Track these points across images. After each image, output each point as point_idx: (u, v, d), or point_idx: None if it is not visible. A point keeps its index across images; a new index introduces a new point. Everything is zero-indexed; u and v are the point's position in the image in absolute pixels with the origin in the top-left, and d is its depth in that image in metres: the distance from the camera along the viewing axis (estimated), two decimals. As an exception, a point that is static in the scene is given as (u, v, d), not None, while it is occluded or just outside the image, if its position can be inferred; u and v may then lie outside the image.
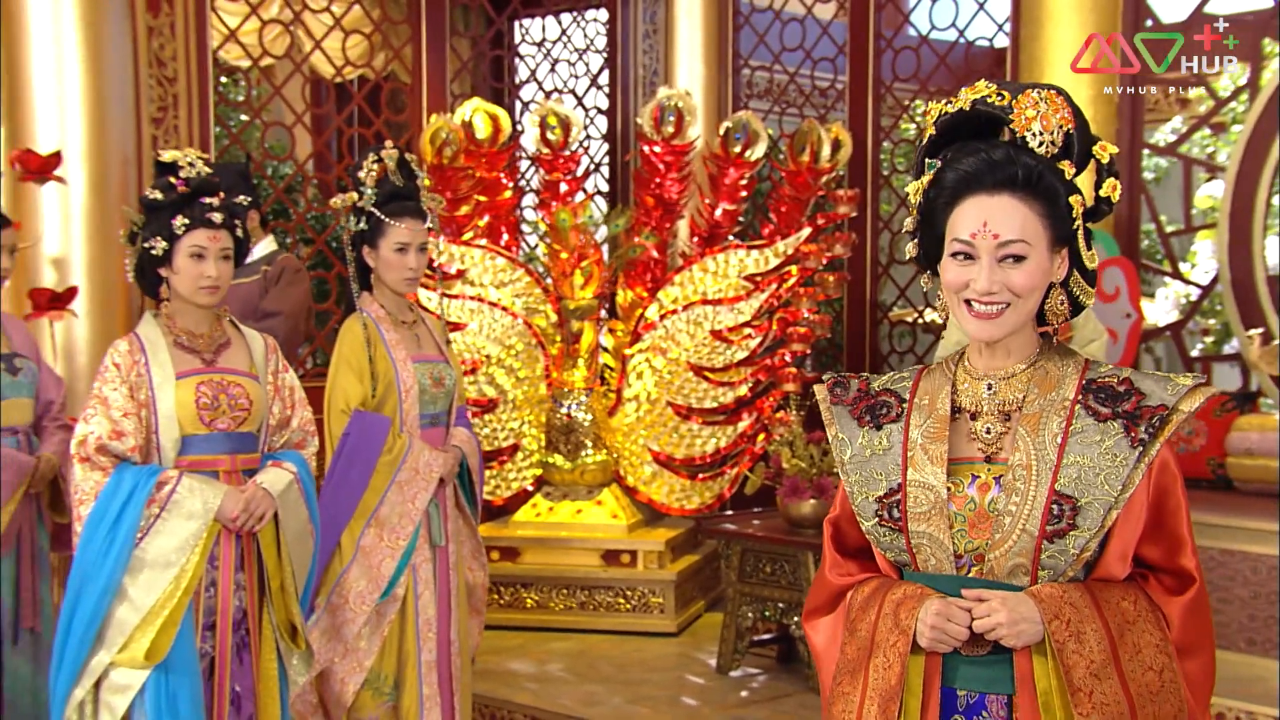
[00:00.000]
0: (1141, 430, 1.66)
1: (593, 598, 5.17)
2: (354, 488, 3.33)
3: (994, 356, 1.77)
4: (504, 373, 5.50)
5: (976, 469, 1.74)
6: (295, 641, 3.02)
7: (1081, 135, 1.69)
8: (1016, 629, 1.64)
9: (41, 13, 4.42)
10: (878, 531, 1.77)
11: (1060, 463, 1.67)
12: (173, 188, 2.89)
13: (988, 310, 1.69)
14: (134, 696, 2.75)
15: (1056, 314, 1.75)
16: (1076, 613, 1.64)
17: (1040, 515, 1.65)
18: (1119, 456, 1.65)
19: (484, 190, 5.58)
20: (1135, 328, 4.99)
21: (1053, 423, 1.70)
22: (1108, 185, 1.72)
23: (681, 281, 5.40)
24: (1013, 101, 1.67)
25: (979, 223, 1.67)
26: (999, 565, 1.68)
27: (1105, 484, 1.65)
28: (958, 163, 1.70)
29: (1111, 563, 1.69)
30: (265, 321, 4.24)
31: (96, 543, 2.75)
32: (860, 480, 1.80)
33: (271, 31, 5.86)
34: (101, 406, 2.82)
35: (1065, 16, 5.13)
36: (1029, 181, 1.67)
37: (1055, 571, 1.67)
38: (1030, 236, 1.67)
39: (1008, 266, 1.67)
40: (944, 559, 1.72)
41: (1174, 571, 1.72)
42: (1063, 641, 1.63)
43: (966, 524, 1.71)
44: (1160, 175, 7.94)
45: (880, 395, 1.85)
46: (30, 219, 4.27)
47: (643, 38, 6.91)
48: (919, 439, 1.77)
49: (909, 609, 1.71)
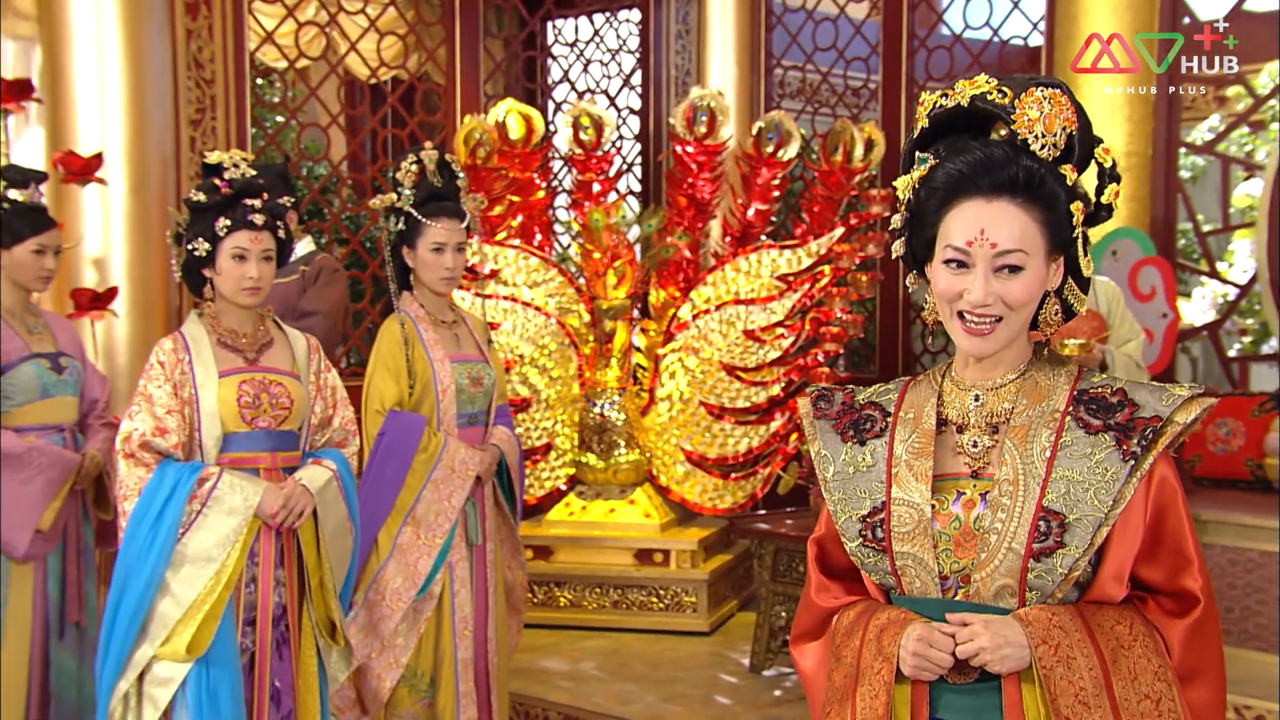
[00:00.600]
0: (1134, 443, 1.57)
1: (625, 597, 5.18)
2: (389, 486, 3.36)
3: (982, 368, 1.68)
4: (537, 372, 5.52)
5: (962, 485, 1.65)
6: (334, 638, 3.06)
7: (1084, 136, 1.60)
8: (1000, 654, 1.54)
9: (84, 18, 4.48)
10: (862, 553, 1.69)
11: (1049, 477, 1.58)
12: (216, 189, 2.92)
13: (979, 326, 1.59)
14: (176, 689, 2.78)
15: (1050, 323, 1.67)
16: (1066, 636, 1.55)
17: (1026, 533, 1.56)
18: (1110, 470, 1.56)
19: (517, 190, 5.61)
20: (1172, 328, 4.96)
21: (1041, 435, 1.61)
22: (1109, 192, 1.63)
23: (714, 281, 5.40)
24: (1015, 100, 1.57)
25: (975, 230, 1.57)
26: (985, 586, 1.59)
27: (1095, 499, 1.56)
28: (952, 161, 1.60)
29: (1106, 584, 1.60)
30: (303, 321, 4.27)
31: (140, 538, 2.79)
32: (843, 499, 1.71)
33: (307, 33, 5.91)
34: (146, 404, 2.86)
35: (1101, 15, 5.10)
36: (1029, 186, 1.57)
37: (1043, 593, 1.57)
38: (1029, 246, 1.57)
39: (1004, 277, 1.58)
40: (929, 581, 1.63)
41: (1176, 593, 1.61)
42: (1050, 667, 1.54)
43: (952, 543, 1.62)
44: (1197, 174, 7.88)
45: (864, 409, 1.76)
46: (72, 220, 4.33)
47: (675, 38, 6.92)
48: (903, 454, 1.68)
49: (892, 635, 1.63)
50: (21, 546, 3.42)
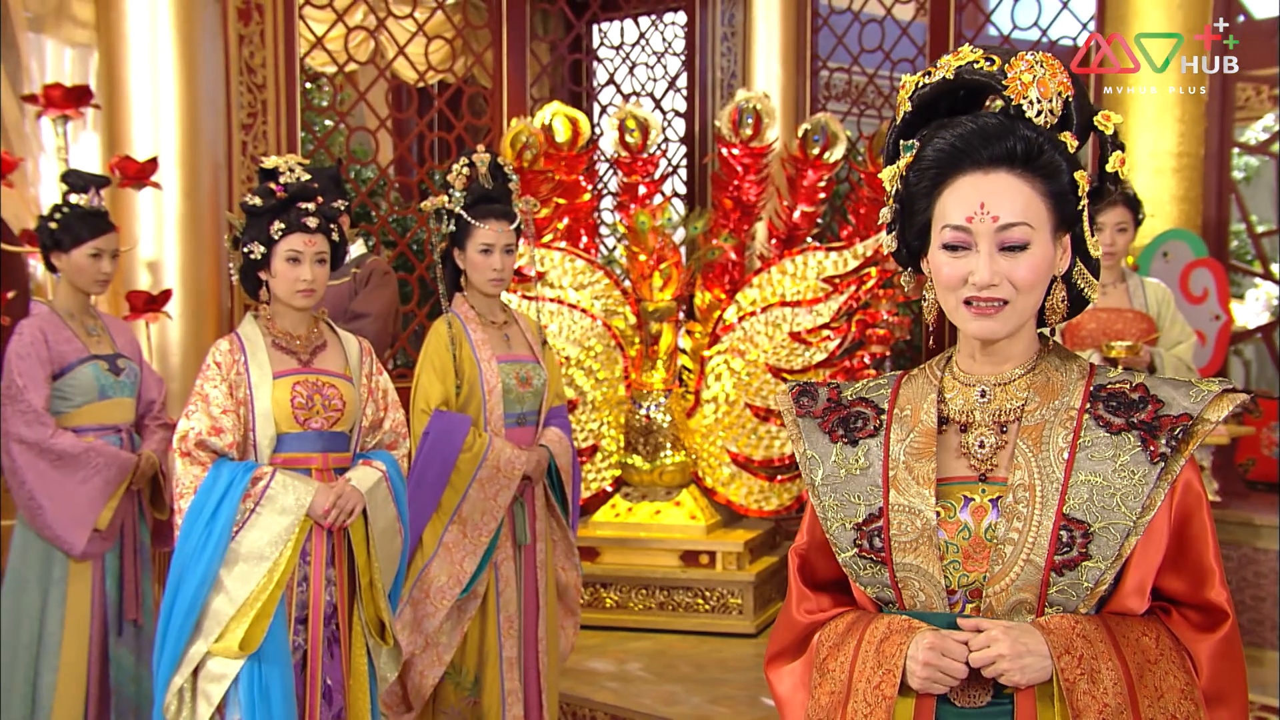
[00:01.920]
0: (1162, 443, 1.43)
1: (671, 598, 5.19)
2: (434, 485, 3.38)
3: (989, 360, 1.54)
4: (583, 374, 5.54)
5: (970, 490, 1.51)
6: (383, 638, 3.09)
7: (1080, 104, 1.48)
8: (1021, 663, 1.41)
9: (139, 25, 4.55)
10: (857, 564, 1.54)
11: (1068, 482, 1.45)
12: (272, 194, 2.97)
13: (987, 306, 1.46)
14: (229, 686, 2.81)
15: (1056, 311, 1.53)
16: (1091, 648, 1.41)
17: (1047, 543, 1.43)
18: (1137, 474, 1.43)
19: (563, 193, 5.64)
20: (1224, 330, 4.90)
21: (1058, 435, 1.47)
22: (1114, 159, 1.50)
23: (760, 283, 5.40)
24: (1005, 66, 1.45)
25: (975, 204, 1.44)
26: (999, 601, 1.46)
27: (1123, 506, 1.42)
28: (941, 136, 1.47)
29: (1127, 596, 1.47)
30: (354, 323, 4.32)
31: (195, 535, 2.83)
32: (835, 504, 1.56)
33: (356, 38, 5.97)
34: (202, 403, 2.90)
35: (1152, 14, 5.06)
36: (1029, 156, 1.44)
37: (1065, 609, 1.45)
38: (1034, 219, 1.45)
39: (1009, 256, 1.45)
40: (935, 595, 1.49)
41: (1201, 606, 1.49)
42: (1073, 681, 1.40)
43: (960, 554, 1.48)
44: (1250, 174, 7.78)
45: (854, 405, 1.61)
46: (127, 223, 4.40)
47: (721, 40, 6.93)
48: (901, 456, 1.54)
49: (896, 644, 1.47)
50: (79, 545, 3.48)
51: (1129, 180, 4.25)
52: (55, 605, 3.52)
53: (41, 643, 3.51)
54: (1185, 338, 4.13)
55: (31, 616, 3.51)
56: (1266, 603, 4.43)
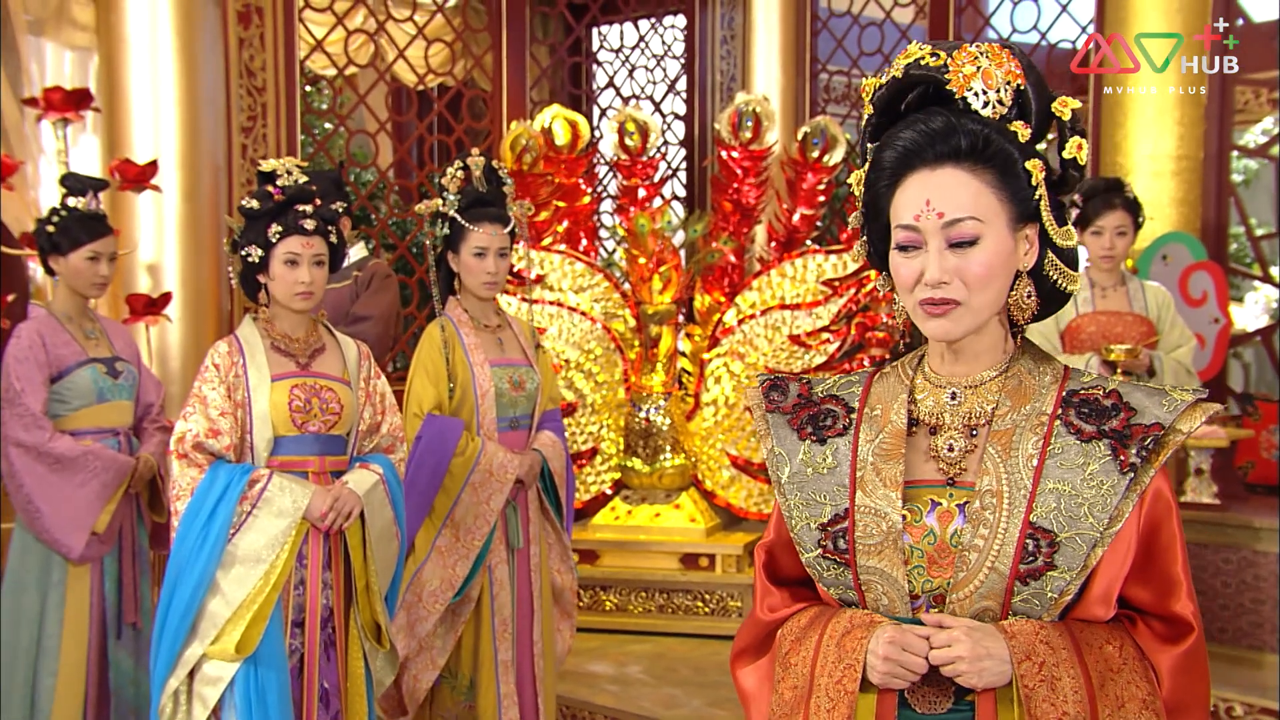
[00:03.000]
0: (1133, 453, 1.40)
1: (671, 601, 5.19)
2: (426, 490, 3.38)
3: (959, 361, 1.51)
4: (583, 377, 5.54)
5: (937, 494, 1.48)
6: (379, 641, 3.08)
7: (1037, 92, 1.44)
8: (979, 665, 1.38)
9: (139, 28, 4.56)
10: (820, 565, 1.51)
11: (1036, 490, 1.42)
12: (269, 196, 2.97)
13: (939, 306, 1.43)
14: (224, 689, 2.81)
15: (1022, 308, 1.48)
16: (1053, 655, 1.39)
17: (1013, 552, 1.40)
18: (1106, 483, 1.40)
19: (563, 196, 5.64)
20: (1224, 333, 4.90)
21: (1027, 441, 1.44)
22: (1071, 145, 1.45)
23: (759, 286, 5.40)
24: (948, 60, 1.42)
25: (921, 202, 1.42)
26: (962, 608, 1.43)
27: (1090, 516, 1.40)
28: (896, 139, 1.45)
29: (1093, 604, 1.44)
30: (356, 326, 4.32)
31: (191, 537, 2.83)
32: (801, 503, 1.53)
33: (356, 41, 5.98)
34: (200, 405, 2.90)
35: (1151, 17, 5.06)
36: (974, 149, 1.41)
37: (1029, 618, 1.43)
38: (983, 212, 1.41)
39: (960, 253, 1.41)
40: (898, 599, 1.46)
41: (1166, 617, 1.46)
42: (1032, 687, 1.38)
43: (925, 559, 1.45)
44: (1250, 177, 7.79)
45: (824, 402, 1.58)
46: (127, 226, 4.40)
47: (720, 43, 6.94)
48: (869, 456, 1.51)
49: (857, 639, 1.46)
50: (77, 548, 3.49)
51: (1129, 183, 4.24)
52: (54, 608, 3.52)
53: (40, 646, 3.51)
54: (1185, 341, 4.13)
55: (30, 620, 3.51)
56: (1266, 605, 4.43)
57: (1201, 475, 4.64)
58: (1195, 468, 4.66)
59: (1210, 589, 4.57)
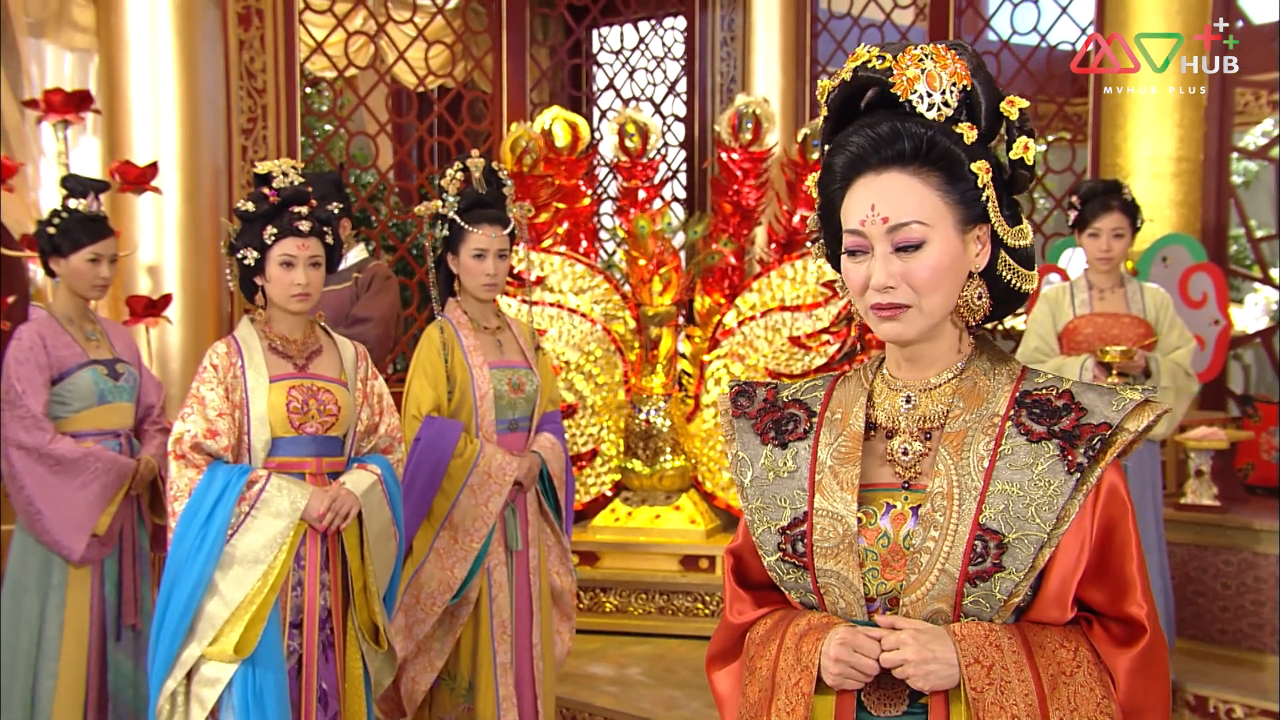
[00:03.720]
0: (1080, 453, 1.40)
1: (671, 602, 5.19)
2: (424, 491, 3.38)
3: (915, 365, 1.51)
4: (583, 378, 5.54)
5: (892, 497, 1.48)
6: (377, 642, 3.08)
7: (986, 91, 1.43)
8: (925, 669, 1.38)
9: (139, 30, 4.56)
10: (781, 568, 1.52)
11: (986, 491, 1.41)
12: (264, 199, 2.97)
13: (888, 311, 1.43)
14: (222, 690, 2.80)
15: (973, 309, 1.46)
16: (1002, 657, 1.39)
17: (962, 553, 1.40)
18: (1053, 484, 1.40)
19: (563, 198, 5.64)
20: (1224, 334, 4.90)
21: (979, 443, 1.44)
22: (1018, 146, 1.44)
23: (760, 288, 5.41)
24: (893, 63, 1.42)
25: (866, 207, 1.42)
26: (915, 611, 1.43)
27: (1037, 517, 1.39)
28: (845, 144, 1.45)
29: (1047, 607, 1.44)
30: (356, 327, 4.32)
31: (190, 538, 2.83)
32: (761, 507, 1.54)
33: (356, 43, 5.98)
34: (198, 406, 2.90)
35: (1151, 18, 5.06)
36: (919, 152, 1.41)
37: (980, 620, 1.42)
38: (928, 216, 1.41)
39: (905, 257, 1.41)
40: (854, 602, 1.46)
41: (1121, 619, 1.45)
42: (980, 690, 1.38)
43: (879, 562, 1.46)
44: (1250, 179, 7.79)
45: (788, 407, 1.58)
46: (127, 228, 4.41)
47: (720, 45, 6.94)
48: (828, 460, 1.51)
49: (812, 642, 1.46)
50: (77, 550, 3.49)
51: (1129, 185, 4.24)
52: (54, 610, 3.52)
53: (40, 648, 3.51)
54: (1184, 343, 4.13)
55: (30, 622, 3.51)
56: (1266, 607, 4.43)
57: (1202, 477, 4.64)
58: (1195, 469, 4.66)
59: (1210, 591, 4.57)
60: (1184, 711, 4.22)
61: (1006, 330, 6.08)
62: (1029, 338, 4.26)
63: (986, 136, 1.44)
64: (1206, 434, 4.60)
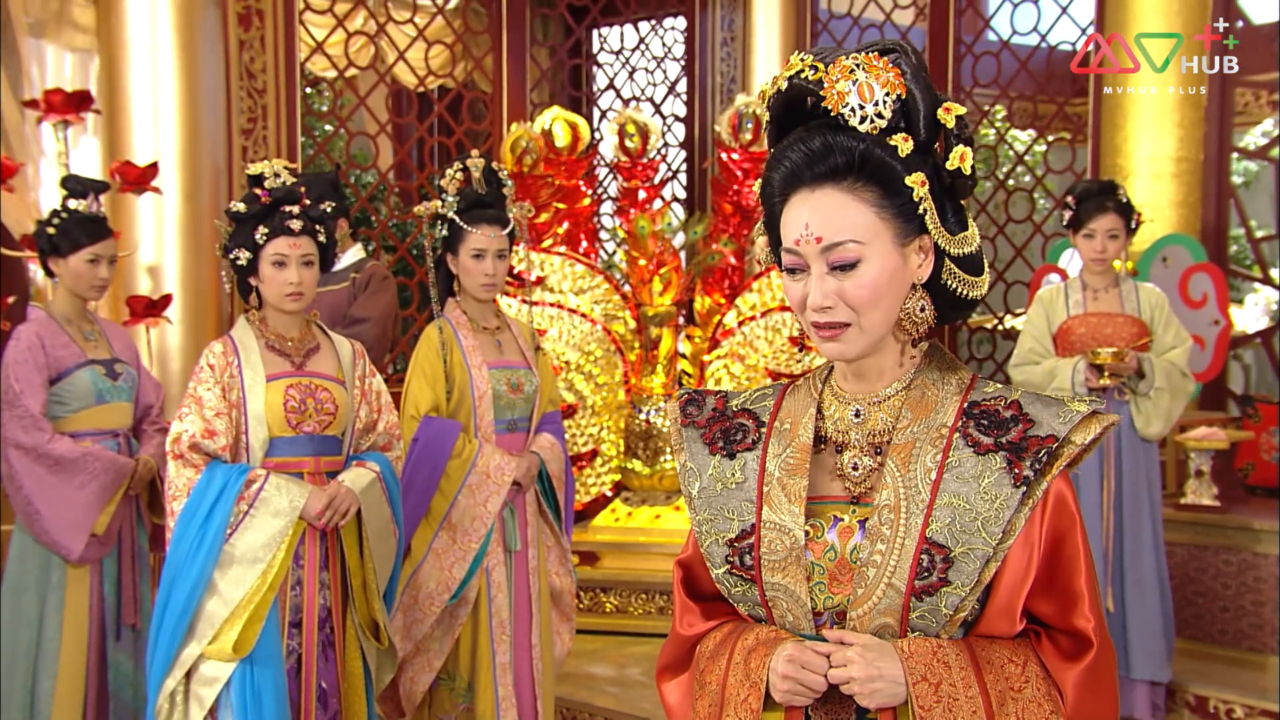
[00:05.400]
0: (1026, 466, 1.38)
1: (671, 603, 5.18)
2: (423, 491, 3.38)
3: (863, 379, 1.48)
4: (583, 379, 5.54)
5: (840, 510, 1.46)
6: (378, 638, 3.08)
7: (925, 99, 1.38)
8: (870, 686, 1.36)
9: (140, 30, 4.56)
10: (728, 581, 1.49)
11: (933, 504, 1.39)
12: (256, 199, 2.97)
13: (828, 330, 1.41)
14: (221, 689, 2.81)
15: (915, 321, 1.44)
16: (950, 674, 1.37)
17: (908, 568, 1.38)
18: (999, 498, 1.37)
19: (563, 198, 5.64)
20: (1224, 335, 4.90)
21: (926, 455, 1.41)
22: (955, 155, 1.40)
23: (760, 288, 5.40)
24: (824, 74, 1.37)
25: (801, 225, 1.39)
26: (862, 625, 1.40)
27: (983, 531, 1.37)
28: (781, 157, 1.42)
29: (995, 620, 1.42)
30: (354, 328, 4.32)
31: (188, 538, 2.83)
32: (709, 519, 1.51)
33: (356, 43, 5.98)
34: (196, 406, 2.90)
35: (1151, 18, 5.06)
36: (851, 168, 1.37)
37: (927, 634, 1.40)
38: (862, 234, 1.38)
39: (841, 275, 1.38)
40: (801, 616, 1.44)
41: (1069, 632, 1.43)
42: (928, 708, 1.36)
43: (826, 576, 1.43)
44: (1249, 179, 7.79)
45: (737, 417, 1.55)
46: (127, 228, 4.41)
47: (720, 45, 6.94)
48: (776, 471, 1.48)
49: (760, 657, 1.44)
50: (76, 550, 3.49)
51: (1128, 186, 4.24)
52: (53, 610, 3.52)
53: (40, 648, 3.52)
54: (1180, 342, 4.12)
55: (30, 622, 3.51)
56: (1266, 607, 4.43)
57: (1201, 477, 4.64)
58: (1195, 469, 4.66)
59: (1210, 591, 4.57)
60: (1184, 711, 4.22)
61: (1006, 331, 6.09)
62: (1024, 339, 4.26)
63: (925, 145, 1.40)
64: (1206, 434, 4.60)
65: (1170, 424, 4.13)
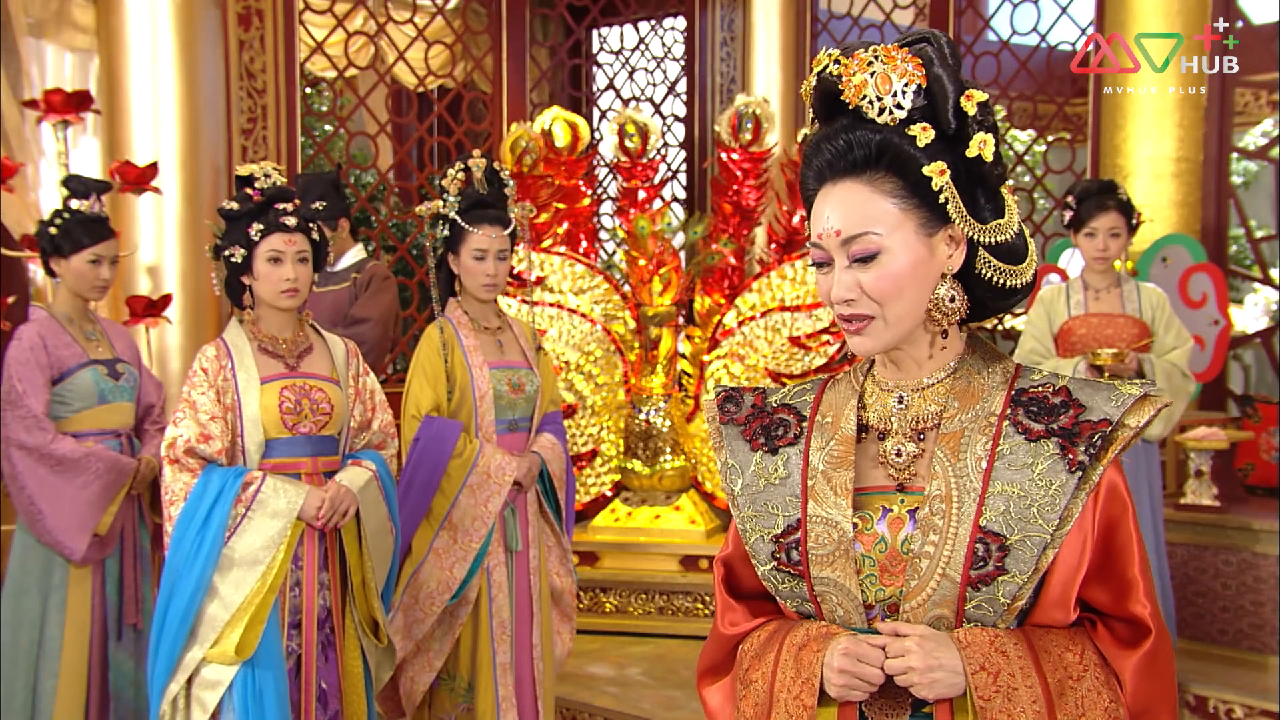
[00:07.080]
0: (1081, 451, 1.37)
1: (671, 603, 5.19)
2: (424, 491, 3.38)
3: (902, 368, 1.48)
4: (583, 379, 5.54)
5: (887, 500, 1.45)
6: (377, 637, 3.09)
7: (953, 85, 1.38)
8: (930, 677, 1.35)
9: (140, 30, 4.56)
10: (775, 577, 1.48)
11: (985, 493, 1.38)
12: (249, 198, 2.97)
13: (852, 323, 1.41)
14: (223, 692, 2.81)
15: (945, 312, 1.42)
16: (1008, 663, 1.36)
17: (963, 557, 1.37)
18: (1054, 484, 1.36)
19: (563, 198, 5.64)
20: (1223, 335, 4.90)
21: (976, 444, 1.40)
22: (975, 143, 1.39)
23: (760, 288, 5.41)
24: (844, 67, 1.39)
25: (823, 219, 1.41)
26: (916, 617, 1.40)
27: (1039, 518, 1.36)
28: (812, 154, 1.44)
29: (1050, 609, 1.40)
30: (354, 328, 4.32)
31: (187, 542, 2.83)
32: (754, 515, 1.50)
33: (356, 43, 5.98)
34: (190, 410, 2.89)
35: (1151, 18, 5.07)
36: (869, 160, 1.38)
37: (983, 624, 1.39)
38: (882, 225, 1.38)
39: (863, 268, 1.39)
40: (852, 610, 1.43)
41: (1125, 619, 1.41)
42: (988, 698, 1.34)
43: (877, 568, 1.42)
44: (1249, 179, 7.79)
45: (777, 412, 1.55)
46: (127, 228, 4.41)
47: (720, 45, 6.94)
48: (820, 465, 1.47)
49: (813, 652, 1.42)
50: (79, 550, 3.49)
51: (1127, 186, 4.25)
52: (55, 610, 3.52)
53: (41, 648, 3.52)
54: (1181, 343, 4.12)
55: (31, 622, 3.51)
56: (1266, 607, 4.43)
57: (1201, 477, 4.64)
58: (1195, 470, 4.66)
59: (1210, 591, 4.57)
60: (1184, 712, 4.22)
61: (1006, 331, 6.09)
62: (1025, 340, 4.26)
63: (955, 134, 1.39)
64: (1206, 434, 4.60)
65: (1170, 424, 4.13)
